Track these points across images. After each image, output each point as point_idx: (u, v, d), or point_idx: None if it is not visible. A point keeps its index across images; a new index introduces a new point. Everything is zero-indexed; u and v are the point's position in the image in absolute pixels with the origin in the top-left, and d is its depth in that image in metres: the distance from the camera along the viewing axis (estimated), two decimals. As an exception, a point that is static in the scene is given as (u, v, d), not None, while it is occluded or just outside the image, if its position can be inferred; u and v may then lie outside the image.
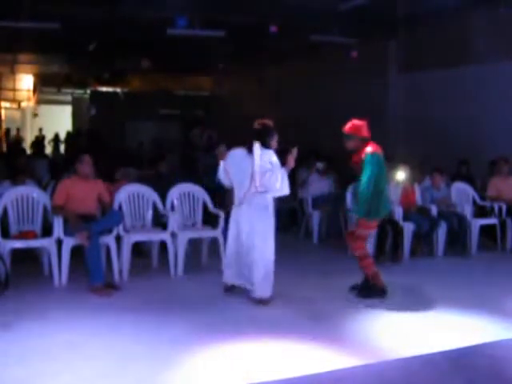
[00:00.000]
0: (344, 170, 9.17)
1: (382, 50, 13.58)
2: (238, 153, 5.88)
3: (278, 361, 4.36)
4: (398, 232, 7.75)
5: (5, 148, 21.23)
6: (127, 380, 4.03)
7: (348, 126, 5.90)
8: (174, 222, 6.87)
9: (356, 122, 5.91)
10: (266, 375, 4.09)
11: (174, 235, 6.85)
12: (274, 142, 5.86)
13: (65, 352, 4.47)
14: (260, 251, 5.69)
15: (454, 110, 11.45)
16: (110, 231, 6.51)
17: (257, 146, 5.68)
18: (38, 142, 22.33)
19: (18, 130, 23.93)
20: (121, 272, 6.60)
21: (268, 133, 5.82)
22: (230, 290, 6.01)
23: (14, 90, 25.12)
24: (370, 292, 5.90)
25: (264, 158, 5.69)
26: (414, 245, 8.06)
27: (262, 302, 5.67)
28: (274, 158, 5.75)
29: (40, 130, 23.42)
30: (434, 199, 8.54)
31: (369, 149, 5.82)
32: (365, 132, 5.88)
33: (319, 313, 5.50)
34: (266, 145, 5.76)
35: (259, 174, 5.66)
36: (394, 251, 7.72)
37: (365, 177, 5.74)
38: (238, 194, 5.84)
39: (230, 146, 5.97)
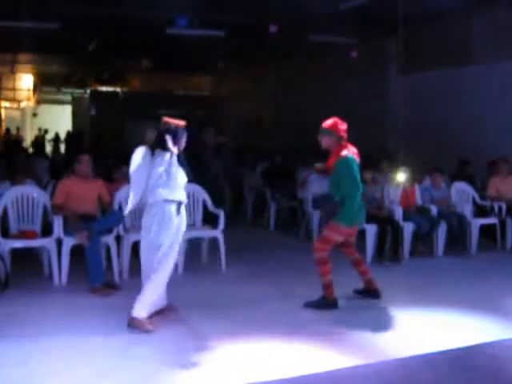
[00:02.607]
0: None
1: (382, 50, 13.59)
2: (141, 152, 5.20)
3: (278, 361, 4.36)
4: (398, 232, 7.74)
5: (4, 147, 21.21)
6: (127, 380, 4.03)
7: (329, 122, 5.66)
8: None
9: (338, 120, 5.68)
10: (266, 375, 4.09)
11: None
12: (182, 143, 5.24)
13: (65, 352, 4.47)
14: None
15: (454, 110, 11.46)
16: (110, 231, 6.50)
17: (171, 145, 5.08)
18: (38, 141, 22.32)
19: (17, 129, 23.91)
20: (121, 272, 6.60)
21: (178, 133, 5.19)
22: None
23: (14, 89, 25.13)
24: (318, 304, 5.59)
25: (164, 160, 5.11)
26: (414, 245, 8.05)
27: (133, 321, 4.96)
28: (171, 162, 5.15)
29: (39, 129, 23.42)
30: (433, 199, 8.54)
31: (345, 152, 5.54)
32: (343, 132, 5.63)
33: (319, 312, 5.50)
34: (165, 147, 5.12)
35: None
36: (395, 251, 7.71)
37: (348, 182, 5.49)
38: (132, 199, 5.18)
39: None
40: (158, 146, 5.17)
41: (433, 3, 10.45)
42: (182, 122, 5.28)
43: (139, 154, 5.20)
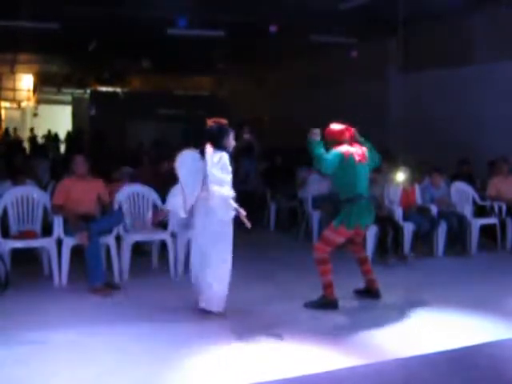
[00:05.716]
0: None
1: (382, 49, 13.60)
2: (190, 155, 5.39)
3: (279, 361, 4.36)
4: (398, 232, 7.74)
5: (3, 148, 21.13)
6: (127, 380, 4.03)
7: (328, 129, 5.71)
8: (174, 221, 6.86)
9: (337, 128, 5.71)
10: (266, 375, 4.09)
11: (174, 235, 6.85)
12: (230, 141, 5.44)
13: (65, 352, 4.47)
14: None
15: (454, 110, 11.46)
16: (110, 231, 6.50)
17: (209, 150, 5.26)
18: (35, 142, 22.22)
19: (14, 129, 23.64)
20: (121, 272, 6.59)
21: (223, 133, 5.38)
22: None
23: (14, 89, 25.12)
24: (318, 304, 5.58)
25: (215, 160, 5.24)
26: (414, 245, 8.05)
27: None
28: (226, 161, 5.31)
29: (31, 129, 23.31)
30: (433, 199, 8.54)
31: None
32: (341, 137, 5.63)
33: (319, 312, 5.50)
34: (220, 146, 5.32)
35: (212, 181, 5.22)
36: (395, 251, 7.70)
37: (333, 179, 5.58)
38: (186, 201, 5.32)
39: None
40: (215, 146, 5.29)
41: (433, 3, 10.46)
42: (224, 120, 5.45)
43: (189, 159, 5.34)
